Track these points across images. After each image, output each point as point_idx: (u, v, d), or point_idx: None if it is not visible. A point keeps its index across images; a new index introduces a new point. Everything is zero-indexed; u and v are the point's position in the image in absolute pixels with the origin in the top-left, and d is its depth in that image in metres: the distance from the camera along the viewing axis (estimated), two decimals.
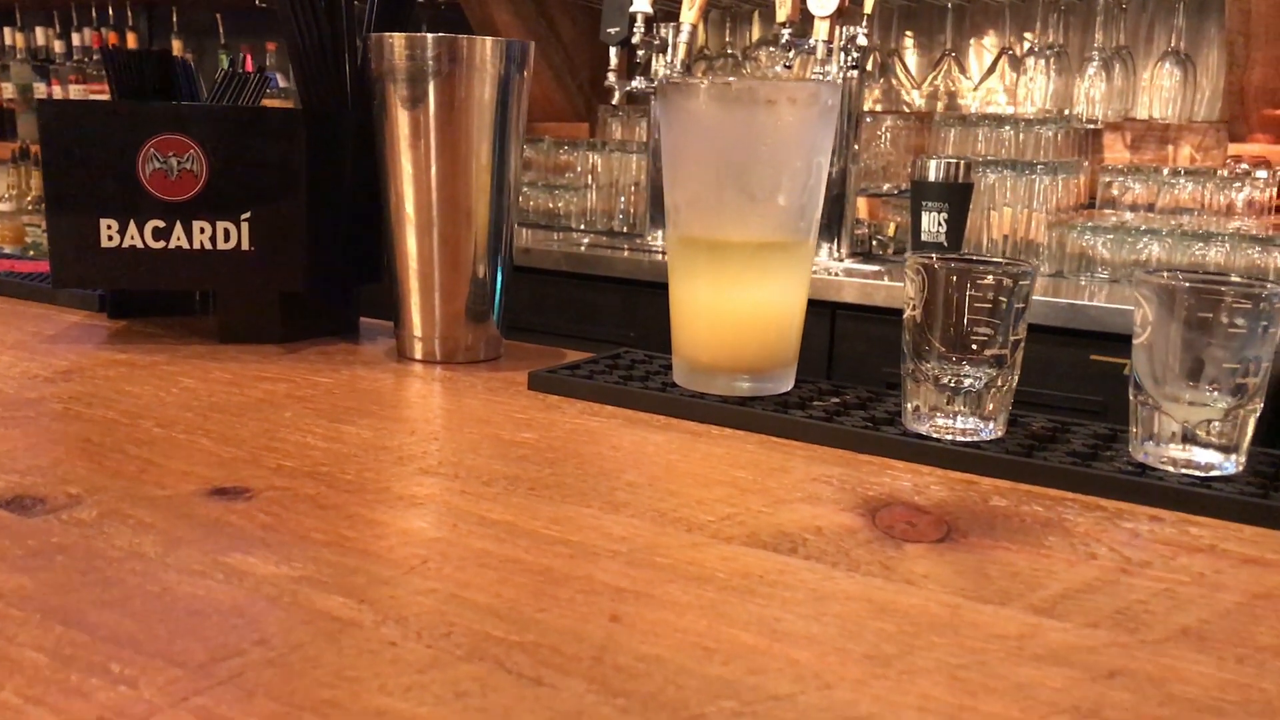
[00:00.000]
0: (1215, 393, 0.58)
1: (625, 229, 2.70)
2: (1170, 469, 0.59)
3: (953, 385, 0.64)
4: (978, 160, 2.21)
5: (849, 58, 2.31)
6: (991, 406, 0.64)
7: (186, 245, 0.84)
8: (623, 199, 2.73)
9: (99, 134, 0.82)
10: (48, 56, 3.97)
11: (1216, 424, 0.59)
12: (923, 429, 0.65)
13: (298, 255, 0.86)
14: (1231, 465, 0.59)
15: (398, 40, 0.79)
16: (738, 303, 0.72)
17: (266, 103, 1.04)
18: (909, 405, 0.66)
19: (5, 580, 0.43)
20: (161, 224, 0.84)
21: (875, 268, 2.23)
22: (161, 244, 0.84)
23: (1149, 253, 2.05)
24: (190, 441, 0.62)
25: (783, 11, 2.32)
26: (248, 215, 0.84)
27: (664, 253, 2.44)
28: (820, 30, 2.27)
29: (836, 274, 2.12)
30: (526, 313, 2.33)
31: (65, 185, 0.83)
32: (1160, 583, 0.47)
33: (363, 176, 0.87)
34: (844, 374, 2.01)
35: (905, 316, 0.65)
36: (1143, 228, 2.07)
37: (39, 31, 4.00)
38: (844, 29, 2.30)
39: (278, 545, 0.48)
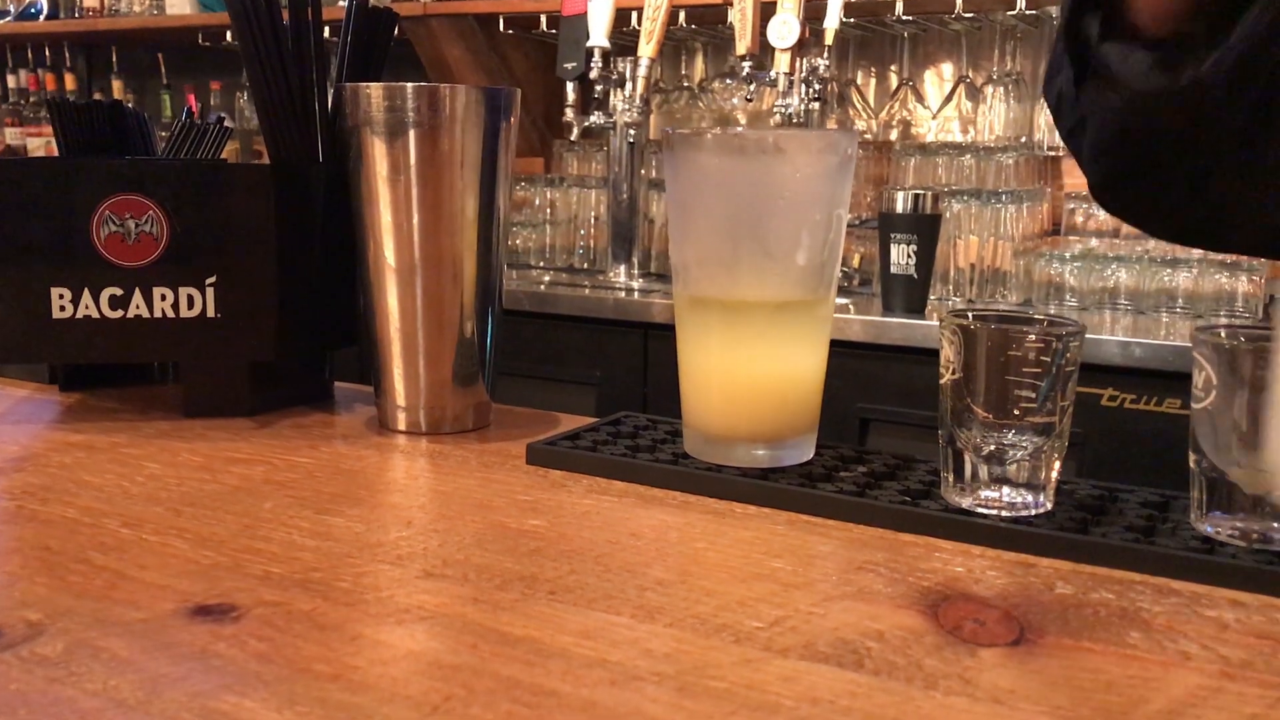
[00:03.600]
0: None
1: (585, 265, 2.64)
2: (1240, 543, 0.55)
3: (997, 455, 0.59)
4: (944, 190, 2.19)
5: (810, 90, 2.28)
6: (1041, 477, 0.60)
7: (147, 314, 0.77)
8: (582, 233, 2.68)
9: (48, 196, 0.76)
10: None
11: None
12: (965, 503, 0.60)
13: (268, 321, 0.79)
14: None
15: (375, 91, 0.73)
16: (755, 367, 0.66)
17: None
18: (949, 476, 0.61)
19: None
20: (119, 292, 0.77)
21: (843, 300, 2.20)
22: (119, 313, 0.77)
23: (1117, 279, 2.04)
24: (163, 544, 0.55)
25: (742, 44, 2.29)
26: (213, 280, 0.78)
27: (626, 289, 2.39)
28: (781, 62, 2.24)
29: None
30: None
31: (10, 252, 0.76)
32: (1271, 689, 0.43)
33: (335, 233, 0.81)
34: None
35: (943, 381, 0.61)
36: (1110, 254, 2.06)
37: None
38: (804, 60, 2.27)
39: (276, 682, 0.41)
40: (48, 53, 3.77)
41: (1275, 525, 0.55)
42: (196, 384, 0.81)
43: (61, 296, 0.77)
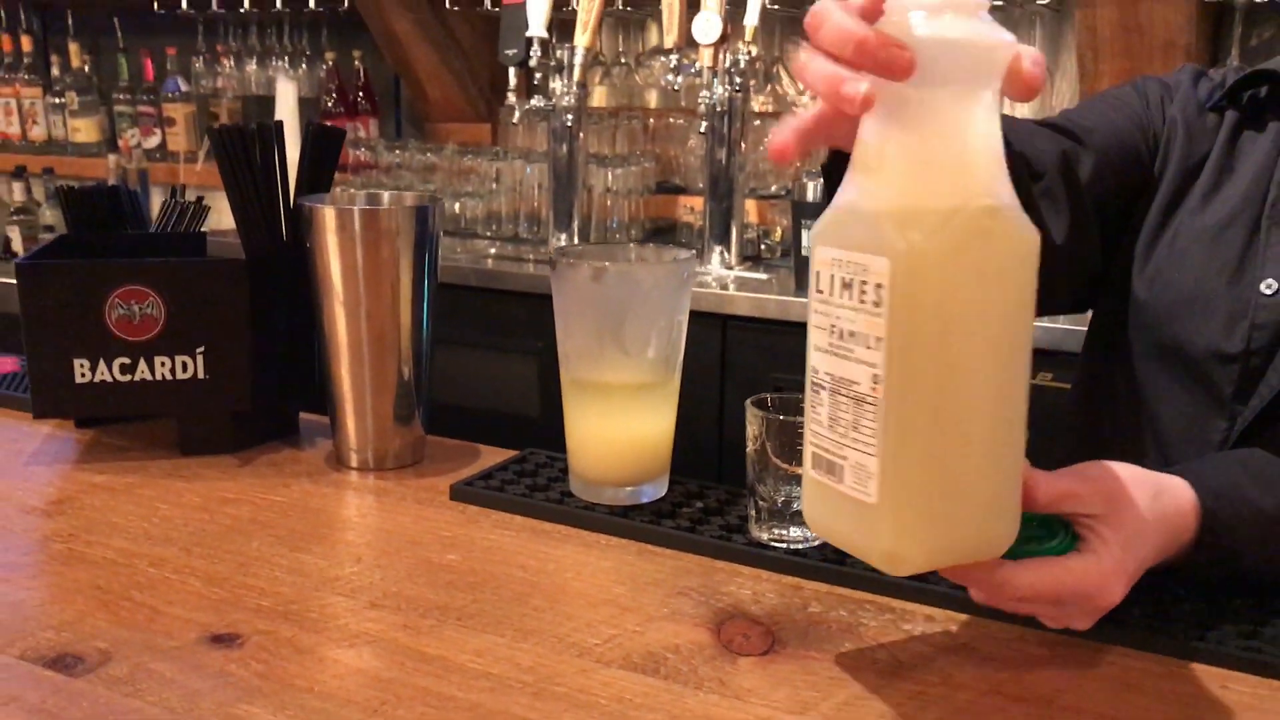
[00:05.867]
0: None
1: (530, 235, 2.83)
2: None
3: (787, 502, 0.82)
4: None
5: (732, 80, 2.47)
6: None
7: (150, 377, 0.98)
8: (527, 202, 2.85)
9: (71, 288, 0.96)
10: None
11: None
12: (764, 537, 0.83)
13: (245, 380, 1.00)
14: None
15: (328, 213, 0.93)
16: (618, 431, 0.89)
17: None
18: (752, 514, 0.84)
19: None
20: (127, 360, 0.98)
21: (764, 276, 2.41)
22: (128, 377, 0.98)
23: None
24: (181, 582, 0.77)
25: (669, 38, 2.48)
26: (202, 349, 0.99)
27: None
28: (705, 56, 2.43)
29: (727, 285, 2.30)
30: (439, 325, 2.46)
31: (43, 332, 0.96)
32: (919, 685, 0.66)
33: (297, 307, 1.01)
34: (737, 381, 2.19)
35: (748, 450, 0.83)
36: None
37: None
38: (727, 53, 2.46)
39: (272, 694, 0.64)
40: (3, 15, 3.84)
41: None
42: (190, 429, 1.02)
43: (82, 365, 0.97)
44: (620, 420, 0.89)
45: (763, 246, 2.67)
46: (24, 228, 3.23)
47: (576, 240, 2.65)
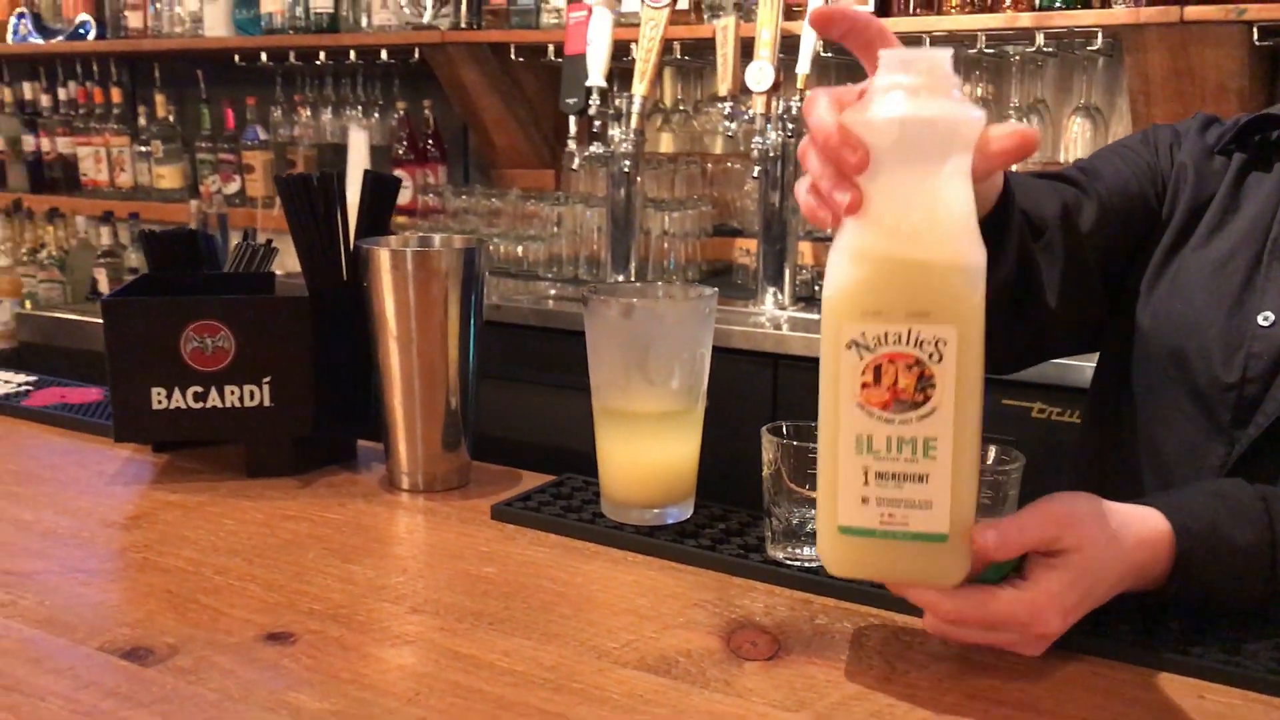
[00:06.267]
0: None
1: (590, 276, 2.91)
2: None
3: (800, 523, 0.88)
4: None
5: (785, 126, 2.54)
6: None
7: (220, 404, 1.07)
8: (586, 244, 2.93)
9: (150, 323, 1.05)
10: (35, 110, 4.15)
11: None
12: (779, 555, 0.89)
13: (308, 407, 1.09)
14: None
15: (383, 253, 1.02)
16: (645, 456, 0.95)
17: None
18: (769, 534, 0.90)
19: None
20: (200, 389, 1.07)
21: (817, 316, 2.45)
22: (200, 405, 1.07)
23: None
24: (242, 588, 0.85)
25: (724, 87, 2.56)
26: (268, 379, 1.07)
27: None
28: (758, 104, 2.51)
29: (780, 325, 2.35)
30: (498, 363, 2.54)
31: (125, 363, 1.06)
32: (905, 687, 0.71)
33: (357, 340, 1.10)
34: (788, 418, 2.24)
35: (764, 474, 0.89)
36: None
37: (26, 86, 4.17)
38: (780, 100, 2.53)
39: (319, 684, 0.71)
40: (95, 68, 4.05)
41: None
42: (256, 453, 1.11)
43: (159, 393, 1.06)
44: (646, 446, 0.95)
45: (816, 288, 2.72)
46: (110, 270, 3.40)
47: (635, 280, 2.73)
